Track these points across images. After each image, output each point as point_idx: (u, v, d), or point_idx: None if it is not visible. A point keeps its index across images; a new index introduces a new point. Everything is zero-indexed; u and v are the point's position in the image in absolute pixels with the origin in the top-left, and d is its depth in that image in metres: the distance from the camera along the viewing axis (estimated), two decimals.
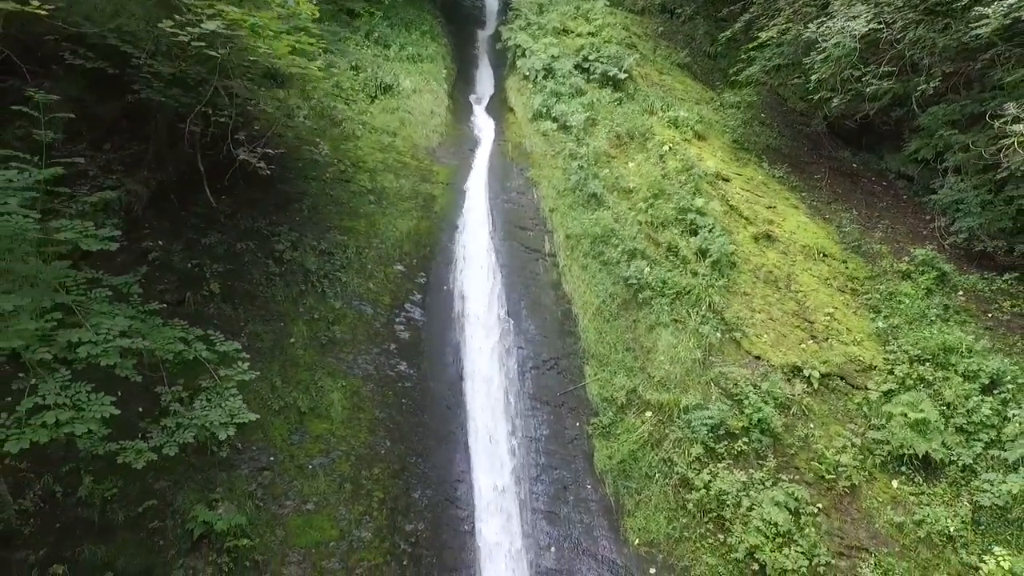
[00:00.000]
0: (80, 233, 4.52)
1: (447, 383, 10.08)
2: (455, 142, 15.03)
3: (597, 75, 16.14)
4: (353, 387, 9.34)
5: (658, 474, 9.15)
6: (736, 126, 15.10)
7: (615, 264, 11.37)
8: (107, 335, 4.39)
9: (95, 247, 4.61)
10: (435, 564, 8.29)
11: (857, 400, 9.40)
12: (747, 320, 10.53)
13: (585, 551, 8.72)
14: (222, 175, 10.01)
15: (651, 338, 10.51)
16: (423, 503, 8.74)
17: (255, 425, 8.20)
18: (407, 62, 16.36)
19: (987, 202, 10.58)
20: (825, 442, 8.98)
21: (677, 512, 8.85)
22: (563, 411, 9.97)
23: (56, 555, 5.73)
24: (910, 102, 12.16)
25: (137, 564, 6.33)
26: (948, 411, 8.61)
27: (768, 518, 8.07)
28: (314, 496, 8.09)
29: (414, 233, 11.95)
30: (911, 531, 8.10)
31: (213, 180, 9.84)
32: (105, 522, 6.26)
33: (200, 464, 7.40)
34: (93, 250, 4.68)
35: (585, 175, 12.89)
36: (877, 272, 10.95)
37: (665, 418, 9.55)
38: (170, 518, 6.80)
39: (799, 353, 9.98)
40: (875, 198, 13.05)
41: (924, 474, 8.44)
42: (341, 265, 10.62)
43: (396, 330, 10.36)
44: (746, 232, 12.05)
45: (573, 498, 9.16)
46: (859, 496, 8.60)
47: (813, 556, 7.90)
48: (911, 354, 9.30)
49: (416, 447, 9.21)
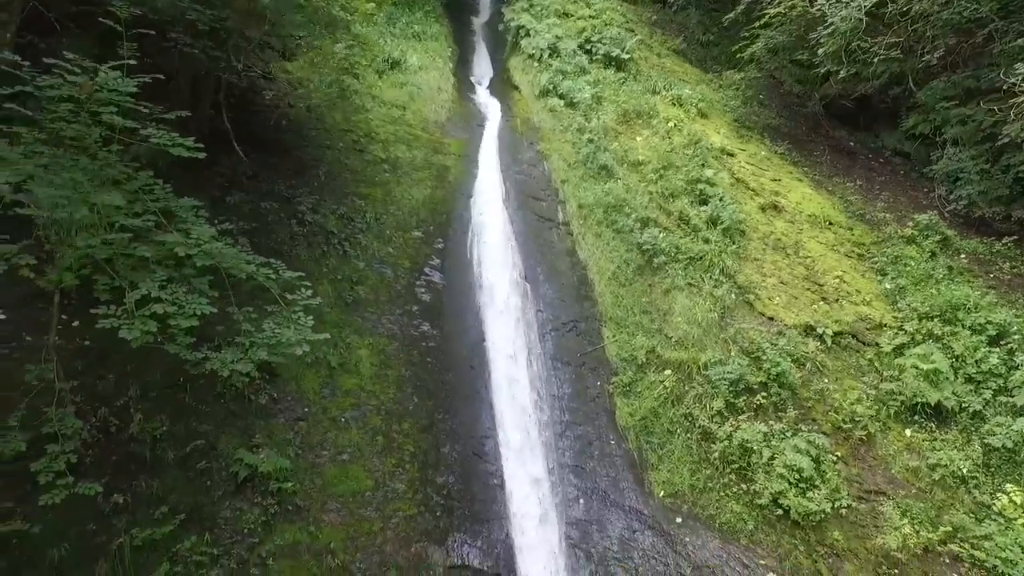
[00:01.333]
0: (171, 141, 4.55)
1: (469, 344, 10.18)
2: (463, 118, 15.13)
3: (600, 56, 16.41)
4: (379, 345, 9.39)
5: (680, 429, 9.38)
6: (737, 106, 15.52)
7: (628, 232, 11.59)
8: (197, 240, 4.43)
9: (185, 154, 4.64)
10: (467, 515, 8.38)
11: (869, 356, 9.75)
12: (759, 284, 10.84)
13: (613, 503, 8.90)
14: (240, 140, 9.99)
15: (667, 301, 10.75)
16: (453, 457, 8.83)
17: (289, 377, 8.27)
18: (412, 40, 16.43)
19: (985, 171, 11.07)
20: (840, 395, 9.30)
21: (700, 464, 9.09)
22: (584, 371, 10.14)
23: (115, 486, 5.71)
24: (907, 80, 12.67)
25: (188, 502, 6.33)
26: (957, 363, 9.00)
27: (791, 464, 8.34)
28: (348, 447, 8.14)
29: (429, 201, 12.03)
30: (926, 474, 8.46)
31: (230, 147, 9.85)
32: (156, 459, 6.25)
33: (239, 411, 7.41)
34: (184, 156, 4.70)
35: (595, 148, 13.11)
36: (882, 238, 11.37)
37: (685, 376, 9.79)
38: (215, 461, 6.80)
39: (811, 313, 10.31)
40: (874, 173, 13.53)
41: (936, 422, 8.80)
42: (360, 229, 10.66)
43: (417, 292, 10.43)
44: (753, 203, 12.40)
45: (598, 453, 9.33)
46: (875, 445, 8.94)
47: (835, 499, 8.20)
48: (920, 311, 9.69)
49: (443, 404, 9.29)
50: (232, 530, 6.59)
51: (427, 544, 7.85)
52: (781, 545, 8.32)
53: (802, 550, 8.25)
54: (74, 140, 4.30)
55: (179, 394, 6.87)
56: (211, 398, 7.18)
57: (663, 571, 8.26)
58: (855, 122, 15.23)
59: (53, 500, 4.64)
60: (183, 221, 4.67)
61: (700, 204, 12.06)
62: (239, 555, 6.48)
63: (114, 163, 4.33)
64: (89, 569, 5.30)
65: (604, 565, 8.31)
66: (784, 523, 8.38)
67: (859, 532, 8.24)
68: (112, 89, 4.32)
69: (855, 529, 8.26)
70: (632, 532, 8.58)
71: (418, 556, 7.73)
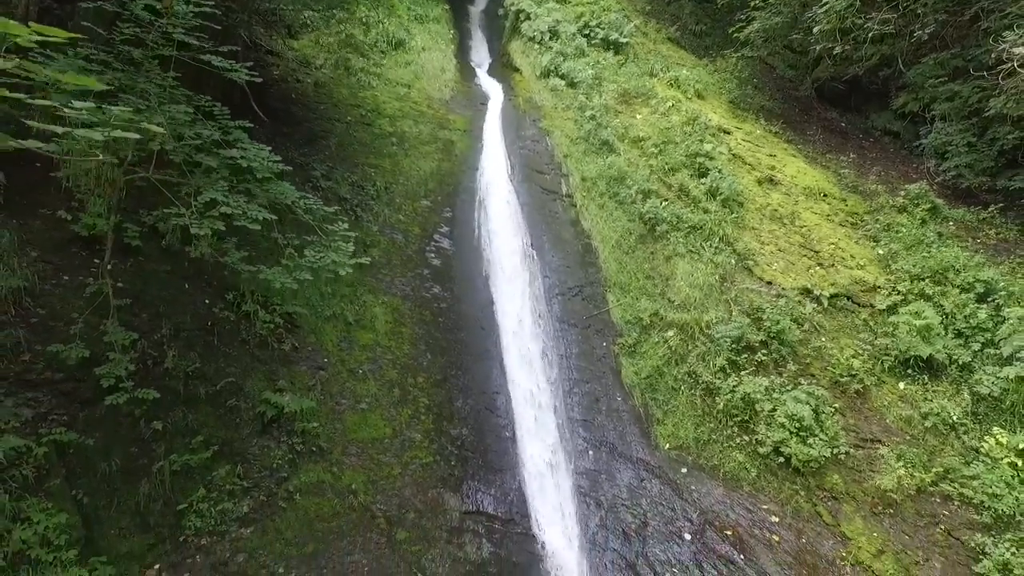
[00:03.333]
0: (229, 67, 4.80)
1: (479, 306, 10.46)
2: (466, 97, 15.42)
3: (599, 40, 16.79)
4: (393, 304, 9.65)
5: (684, 386, 9.72)
6: (732, 88, 15.96)
7: (630, 203, 11.95)
8: (257, 154, 4.68)
9: (245, 78, 4.90)
10: (481, 465, 8.66)
11: (864, 316, 10.17)
12: (757, 251, 11.23)
13: (620, 454, 9.22)
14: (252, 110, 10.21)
15: (669, 267, 11.11)
16: (466, 411, 9.10)
17: (309, 329, 8.51)
18: (415, 22, 16.71)
19: (972, 144, 11.55)
20: (837, 351, 9.70)
21: (704, 418, 9.44)
22: (590, 332, 10.46)
23: (154, 414, 5.93)
24: (897, 61, 13.16)
25: (219, 436, 6.55)
26: (947, 319, 9.43)
27: (792, 414, 8.71)
28: (367, 397, 8.39)
29: (437, 173, 12.30)
30: (919, 423, 8.86)
31: (244, 114, 10.06)
32: (189, 394, 6.46)
33: (263, 357, 7.64)
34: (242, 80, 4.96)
35: (596, 124, 13.46)
36: (875, 207, 11.82)
37: (688, 336, 10.14)
38: (243, 400, 7.02)
39: (808, 277, 10.72)
40: (865, 150, 14.01)
41: (928, 375, 9.21)
42: (372, 196, 10.92)
43: (428, 257, 10.70)
44: (750, 177, 12.80)
45: (605, 408, 9.65)
46: (870, 397, 9.34)
47: (834, 446, 8.57)
48: (911, 273, 10.12)
49: (455, 361, 9.57)
50: (260, 465, 6.83)
51: (443, 490, 8.12)
52: (783, 491, 8.68)
53: (803, 495, 8.62)
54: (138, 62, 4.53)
55: (207, 337, 7.08)
56: (237, 343, 7.41)
57: (670, 516, 8.58)
58: (846, 104, 15.73)
59: (117, 400, 4.87)
60: (239, 141, 4.91)
61: (699, 177, 12.43)
62: (268, 488, 6.72)
63: (175, 85, 4.57)
64: (134, 487, 5.53)
65: (613, 511, 8.62)
66: (785, 470, 8.75)
67: (856, 476, 8.62)
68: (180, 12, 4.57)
69: (853, 474, 8.64)
70: (640, 481, 8.90)
71: (434, 501, 7.99)
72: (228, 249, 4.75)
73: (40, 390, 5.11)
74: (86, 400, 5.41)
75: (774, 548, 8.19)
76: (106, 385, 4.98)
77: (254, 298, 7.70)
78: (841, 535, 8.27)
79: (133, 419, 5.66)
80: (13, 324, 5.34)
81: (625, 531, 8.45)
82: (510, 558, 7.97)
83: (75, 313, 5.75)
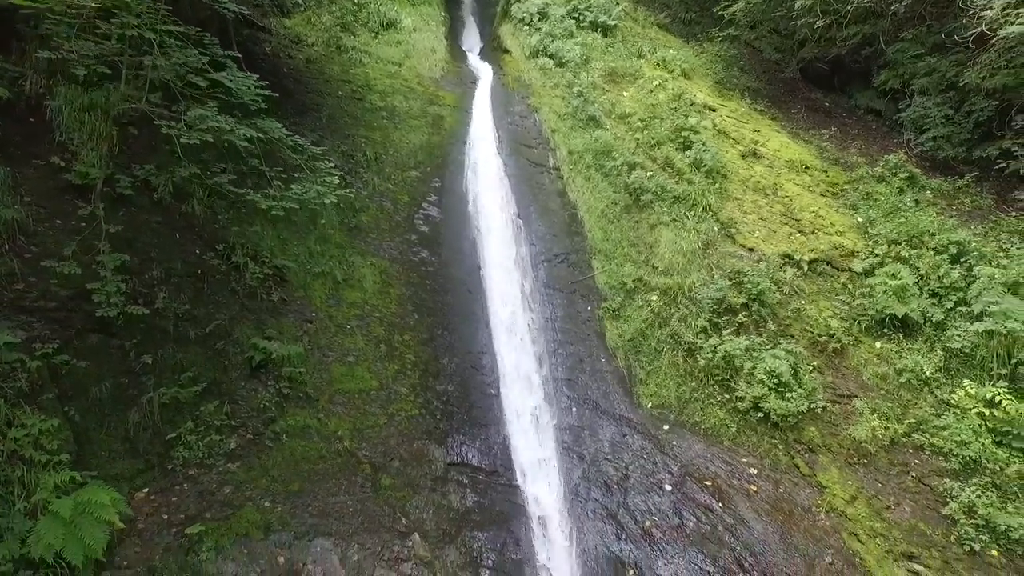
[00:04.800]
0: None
1: (466, 271, 10.66)
2: (456, 76, 15.64)
3: (587, 22, 17.01)
4: (381, 266, 9.84)
5: (666, 348, 9.93)
6: (718, 70, 16.23)
7: (616, 175, 12.16)
8: (243, 81, 4.87)
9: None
10: (466, 420, 8.85)
11: (842, 280, 10.41)
12: (740, 220, 11.46)
13: (603, 411, 9.42)
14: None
15: (653, 235, 11.33)
16: (451, 368, 9.30)
17: (298, 284, 8.70)
18: (406, 3, 16.90)
19: (949, 117, 11.82)
20: (816, 313, 9.94)
21: (685, 378, 9.65)
22: (575, 297, 10.67)
23: (143, 349, 6.11)
24: (878, 40, 13.45)
25: (208, 376, 6.73)
26: (922, 280, 9.67)
27: (771, 369, 8.92)
28: (354, 351, 8.58)
29: (426, 146, 12.50)
30: (893, 379, 9.10)
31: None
32: (179, 335, 6.63)
33: (252, 307, 7.82)
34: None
35: (583, 101, 13.67)
36: (855, 178, 12.08)
37: (670, 300, 10.35)
38: (232, 345, 7.20)
39: (788, 244, 10.95)
40: (847, 127, 14.29)
41: (903, 333, 9.45)
42: (362, 165, 11.13)
43: (416, 224, 10.90)
44: (734, 151, 13.04)
45: (589, 368, 9.85)
46: (847, 356, 9.57)
47: (812, 401, 8.79)
48: (888, 238, 10.36)
49: (442, 321, 9.76)
50: (248, 407, 7.01)
51: (428, 442, 8.31)
52: (761, 445, 8.90)
53: (781, 448, 8.84)
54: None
55: (198, 284, 7.26)
56: (227, 292, 7.59)
57: (651, 469, 8.79)
58: (830, 84, 16.00)
59: (109, 313, 5.04)
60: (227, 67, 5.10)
61: (684, 150, 12.65)
62: (255, 427, 6.90)
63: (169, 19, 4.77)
64: (124, 415, 5.70)
65: (596, 465, 8.82)
66: (764, 425, 8.97)
67: (832, 430, 8.85)
68: None
69: (829, 427, 8.87)
70: (622, 436, 9.11)
71: (420, 451, 8.18)
72: (215, 173, 4.92)
73: (33, 316, 5.29)
74: (78, 329, 5.59)
75: (752, 497, 8.40)
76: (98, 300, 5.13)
77: (244, 250, 7.89)
78: (817, 484, 8.49)
79: (124, 351, 5.84)
80: (7, 255, 5.51)
81: (607, 483, 8.65)
82: (494, 507, 8.16)
83: (67, 250, 5.92)
